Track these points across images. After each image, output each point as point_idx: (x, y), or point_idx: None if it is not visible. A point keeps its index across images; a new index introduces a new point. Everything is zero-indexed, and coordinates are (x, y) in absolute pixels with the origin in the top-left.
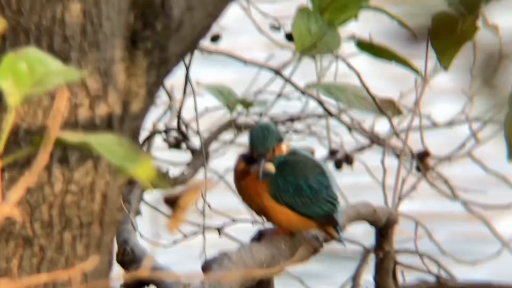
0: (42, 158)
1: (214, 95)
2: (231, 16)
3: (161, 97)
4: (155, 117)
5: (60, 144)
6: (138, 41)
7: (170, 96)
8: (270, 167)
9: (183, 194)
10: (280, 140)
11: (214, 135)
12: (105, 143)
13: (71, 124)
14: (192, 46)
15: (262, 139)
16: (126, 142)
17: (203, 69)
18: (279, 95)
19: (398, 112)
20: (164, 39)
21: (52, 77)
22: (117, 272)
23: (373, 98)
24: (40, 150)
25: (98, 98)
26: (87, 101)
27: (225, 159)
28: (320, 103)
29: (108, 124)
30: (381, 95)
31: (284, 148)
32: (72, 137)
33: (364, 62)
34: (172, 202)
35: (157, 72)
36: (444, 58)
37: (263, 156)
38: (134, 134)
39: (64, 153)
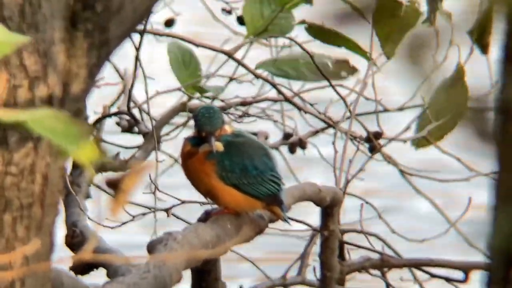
0: None
1: (176, 68)
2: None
3: (114, 81)
4: (108, 100)
5: None
6: (78, 22)
7: (123, 79)
8: (219, 146)
9: (126, 177)
10: (223, 121)
11: (166, 118)
12: (42, 120)
13: (10, 105)
14: (133, 28)
15: (209, 118)
16: (65, 117)
17: (154, 52)
18: (232, 79)
19: (353, 70)
20: (105, 21)
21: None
22: (65, 255)
23: (327, 59)
24: None
25: (38, 79)
26: (26, 82)
27: (179, 142)
28: (274, 85)
29: (49, 105)
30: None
31: (228, 129)
32: (7, 115)
33: (317, 47)
34: (114, 184)
35: (98, 53)
36: (387, 46)
37: (212, 133)
38: (76, 116)
39: (3, 135)
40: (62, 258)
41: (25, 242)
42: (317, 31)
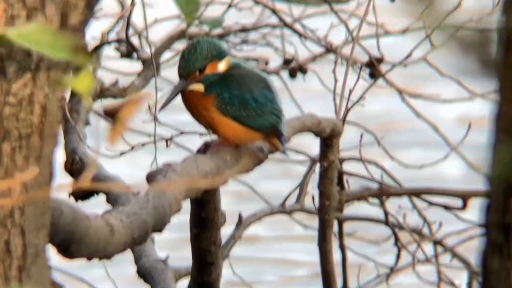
0: None
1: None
2: None
3: (113, 7)
4: (106, 26)
5: None
6: None
7: (122, 5)
8: (199, 87)
9: (124, 106)
10: (216, 57)
11: (165, 45)
12: (29, 34)
13: None
14: None
15: (186, 60)
16: (53, 30)
17: None
18: (231, 5)
19: None
20: None
21: None
22: (64, 183)
23: None
24: None
25: (35, 9)
26: (24, 12)
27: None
28: (273, 11)
29: None
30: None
31: (222, 65)
32: None
33: None
34: (112, 114)
35: None
36: None
37: (183, 77)
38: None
39: (1, 65)
40: (62, 185)
41: (24, 172)
42: None
